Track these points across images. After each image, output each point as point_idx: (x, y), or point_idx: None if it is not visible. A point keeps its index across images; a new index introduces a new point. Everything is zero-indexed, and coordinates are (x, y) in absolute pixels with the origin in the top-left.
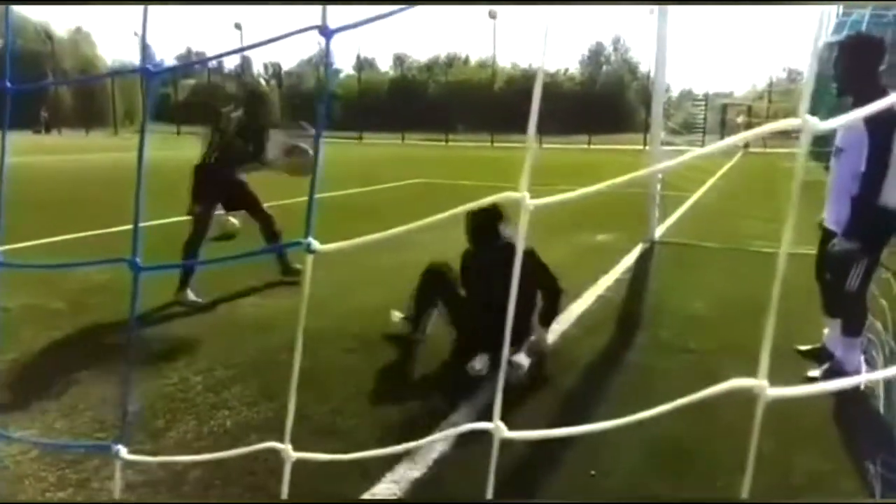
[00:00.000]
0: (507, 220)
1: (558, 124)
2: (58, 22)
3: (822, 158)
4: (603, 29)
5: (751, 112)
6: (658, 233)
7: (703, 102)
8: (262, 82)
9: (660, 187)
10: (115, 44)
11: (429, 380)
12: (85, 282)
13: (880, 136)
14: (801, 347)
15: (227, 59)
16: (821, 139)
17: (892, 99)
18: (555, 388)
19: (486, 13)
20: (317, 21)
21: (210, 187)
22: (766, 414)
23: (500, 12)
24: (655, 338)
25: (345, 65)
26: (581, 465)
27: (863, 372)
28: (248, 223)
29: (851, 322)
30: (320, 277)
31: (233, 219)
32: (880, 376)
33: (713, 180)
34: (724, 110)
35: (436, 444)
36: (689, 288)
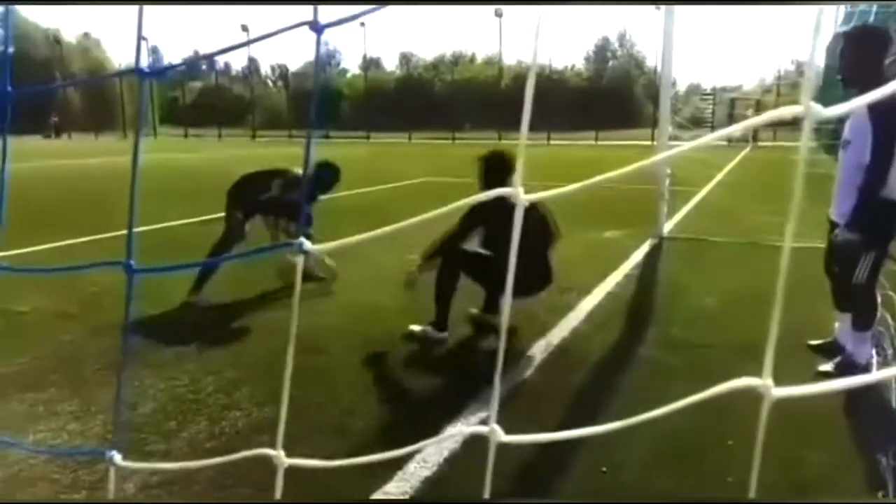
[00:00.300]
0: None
1: (565, 120)
2: (67, 27)
3: (833, 152)
4: (609, 24)
5: (759, 106)
6: (667, 228)
7: (711, 97)
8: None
9: (668, 183)
10: (123, 48)
11: (440, 378)
12: (97, 284)
13: (883, 126)
14: (812, 342)
15: (235, 60)
16: (832, 132)
17: (891, 88)
18: (565, 384)
19: (491, 11)
20: (323, 21)
21: (247, 201)
22: (777, 407)
23: (505, 10)
24: (665, 333)
25: (351, 64)
26: (592, 461)
27: (874, 364)
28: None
29: (861, 316)
30: (333, 277)
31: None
32: (890, 374)
33: (722, 175)
34: (732, 104)
35: (445, 443)
36: (699, 283)
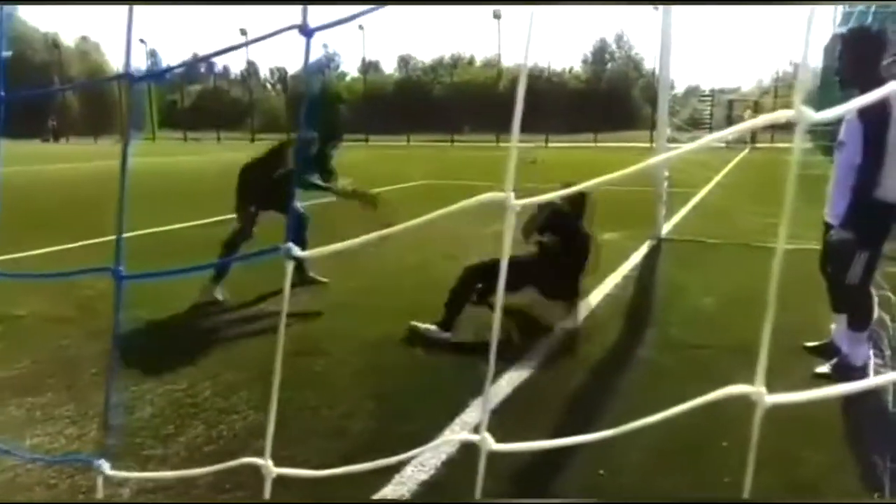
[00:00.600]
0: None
1: (564, 122)
2: (66, 31)
3: (829, 153)
4: (607, 26)
5: (757, 107)
6: (665, 230)
7: (709, 98)
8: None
9: (666, 184)
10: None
11: (438, 381)
12: (94, 288)
13: (874, 127)
14: (808, 344)
15: (234, 64)
16: (828, 134)
17: (886, 89)
18: (564, 385)
19: (490, 14)
20: (316, 22)
21: (255, 189)
22: (773, 408)
23: (504, 13)
24: (663, 335)
25: (350, 67)
26: (589, 463)
27: (871, 365)
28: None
29: (856, 316)
30: (332, 282)
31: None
32: (885, 380)
33: (719, 177)
34: (730, 106)
35: (442, 447)
36: (697, 285)
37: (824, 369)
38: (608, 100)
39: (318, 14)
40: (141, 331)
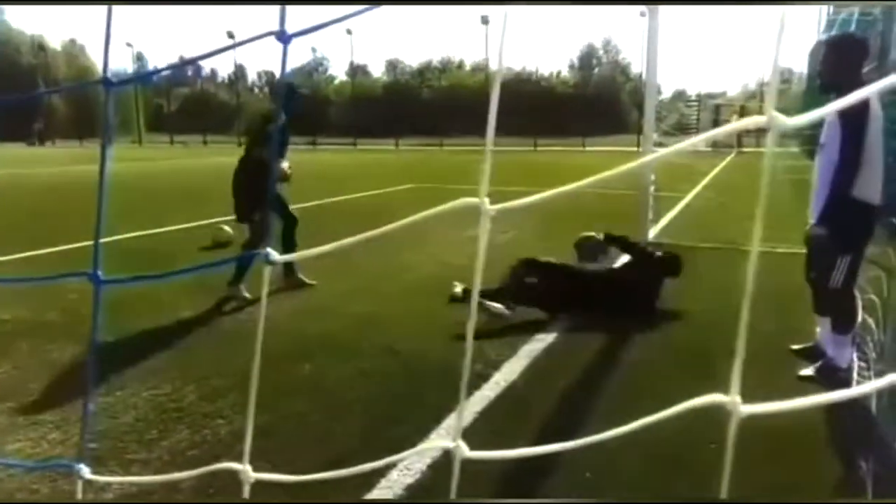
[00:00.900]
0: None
1: (552, 126)
2: (52, 34)
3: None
4: (593, 31)
5: (743, 112)
6: (651, 234)
7: (696, 103)
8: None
9: (653, 189)
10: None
11: (426, 385)
12: (77, 292)
13: (853, 126)
14: (794, 346)
15: (221, 67)
16: (814, 138)
17: (861, 94)
18: (551, 389)
19: (478, 18)
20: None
21: (260, 193)
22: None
23: (491, 16)
24: (649, 338)
25: (338, 71)
26: (575, 465)
27: (855, 368)
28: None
29: (840, 319)
30: (320, 285)
31: (226, 227)
32: (868, 389)
33: (706, 181)
34: (717, 111)
35: (429, 450)
36: (683, 288)
37: (809, 372)
38: (596, 104)
39: (305, 18)
40: (125, 335)
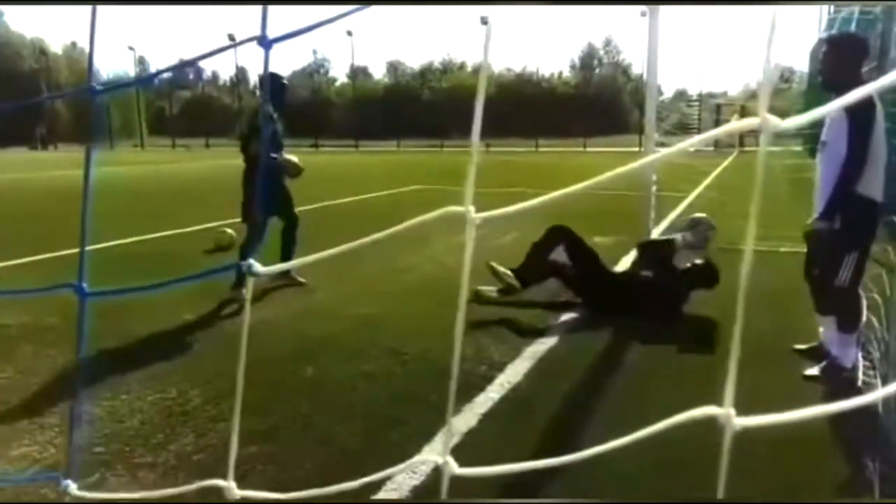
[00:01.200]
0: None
1: (554, 127)
2: (54, 38)
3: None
4: (594, 32)
5: (744, 111)
6: (654, 234)
7: (697, 103)
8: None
9: (655, 189)
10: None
11: (428, 387)
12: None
13: (860, 126)
14: (798, 346)
15: (223, 70)
16: (816, 137)
17: (860, 92)
18: (556, 392)
19: (478, 19)
20: (313, 32)
21: (261, 191)
22: (759, 412)
23: (492, 17)
24: (653, 339)
25: (339, 73)
26: (578, 467)
27: (860, 368)
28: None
29: (846, 318)
30: (322, 287)
31: (229, 230)
32: (856, 404)
33: (708, 180)
34: (718, 110)
35: (433, 451)
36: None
37: (814, 371)
38: (597, 105)
39: (304, 18)
40: (130, 339)
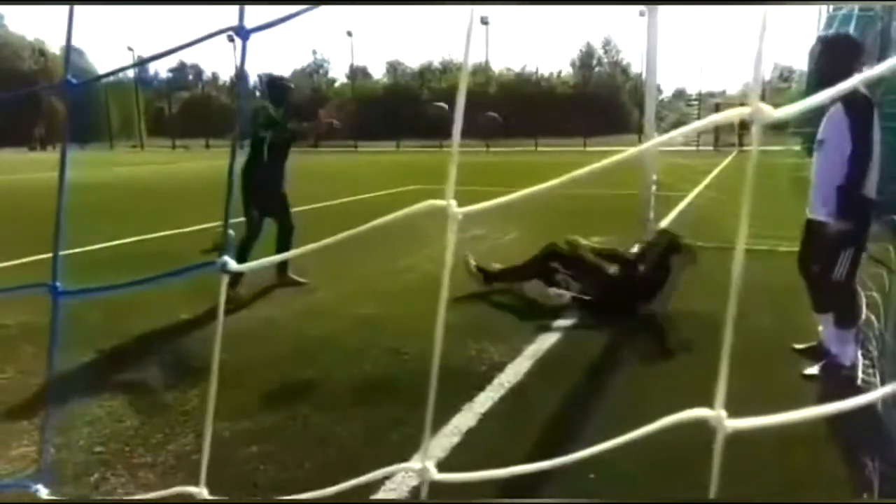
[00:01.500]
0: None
1: (553, 126)
2: (52, 39)
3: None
4: (593, 31)
5: None
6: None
7: (696, 102)
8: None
9: (654, 188)
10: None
11: (427, 388)
12: (83, 298)
13: (861, 125)
14: (797, 346)
15: (222, 70)
16: (814, 136)
17: (852, 82)
18: (553, 393)
19: (477, 19)
20: (311, 30)
21: (259, 191)
22: (758, 412)
23: (491, 17)
24: (653, 338)
25: (338, 73)
26: (580, 466)
27: (860, 366)
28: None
29: (844, 314)
30: (322, 287)
31: (229, 230)
32: (853, 404)
33: (708, 180)
34: (717, 109)
35: (432, 451)
36: (686, 287)
37: (813, 370)
38: (596, 104)
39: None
40: (128, 339)
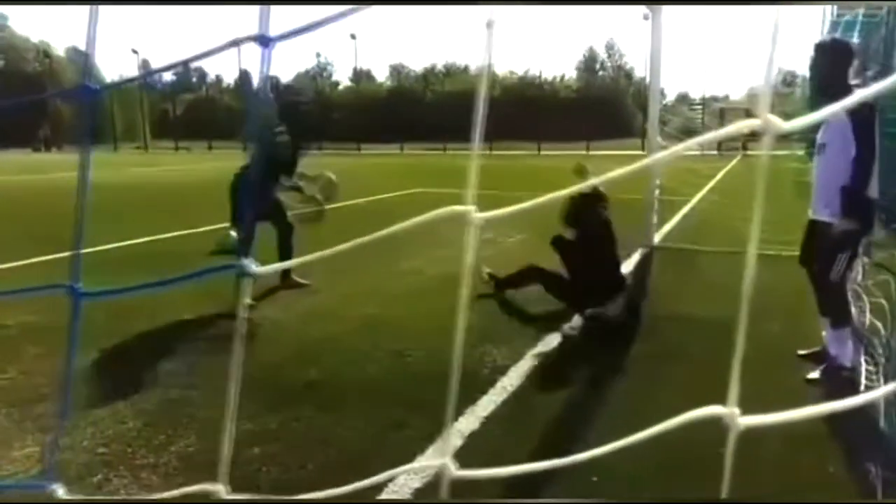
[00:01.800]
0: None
1: (556, 130)
2: (57, 41)
3: None
4: (596, 35)
5: (748, 116)
6: (657, 238)
7: (700, 107)
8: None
9: (658, 192)
10: (113, 61)
11: (432, 389)
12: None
13: (865, 129)
14: (802, 352)
15: (226, 73)
16: (814, 140)
17: (861, 94)
18: (557, 395)
19: (482, 21)
20: (315, 33)
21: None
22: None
23: (497, 20)
24: (656, 343)
25: (342, 76)
26: (582, 469)
27: (862, 371)
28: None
29: (837, 313)
30: (325, 289)
31: (233, 233)
32: (862, 400)
33: (712, 184)
34: (721, 114)
35: (435, 454)
36: (689, 292)
37: (815, 375)
38: (600, 108)
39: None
40: (131, 340)
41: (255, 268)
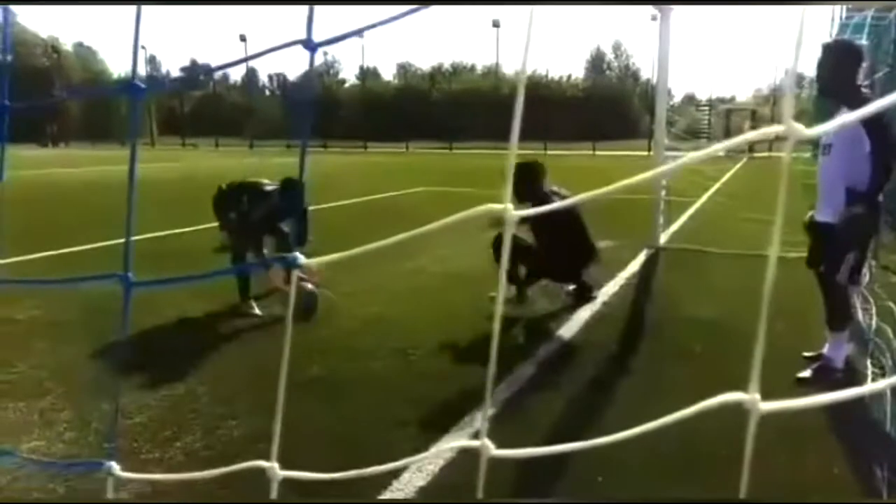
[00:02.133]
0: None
1: (563, 131)
2: (65, 36)
3: None
4: (604, 35)
5: (755, 117)
6: (663, 239)
7: (707, 108)
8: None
9: (664, 193)
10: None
11: (439, 386)
12: (92, 292)
13: (880, 133)
14: (807, 354)
15: (233, 70)
16: (818, 140)
17: (887, 101)
18: (562, 395)
19: (489, 21)
20: (322, 31)
21: (225, 210)
22: (765, 418)
23: (503, 20)
24: (661, 344)
25: (349, 74)
26: (587, 469)
27: (869, 376)
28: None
29: (836, 316)
30: (329, 287)
31: None
32: (878, 387)
33: (718, 185)
34: (728, 116)
35: (442, 452)
36: (695, 293)
37: (806, 374)
38: (607, 109)
39: (322, 22)
40: (138, 336)
41: (303, 259)
